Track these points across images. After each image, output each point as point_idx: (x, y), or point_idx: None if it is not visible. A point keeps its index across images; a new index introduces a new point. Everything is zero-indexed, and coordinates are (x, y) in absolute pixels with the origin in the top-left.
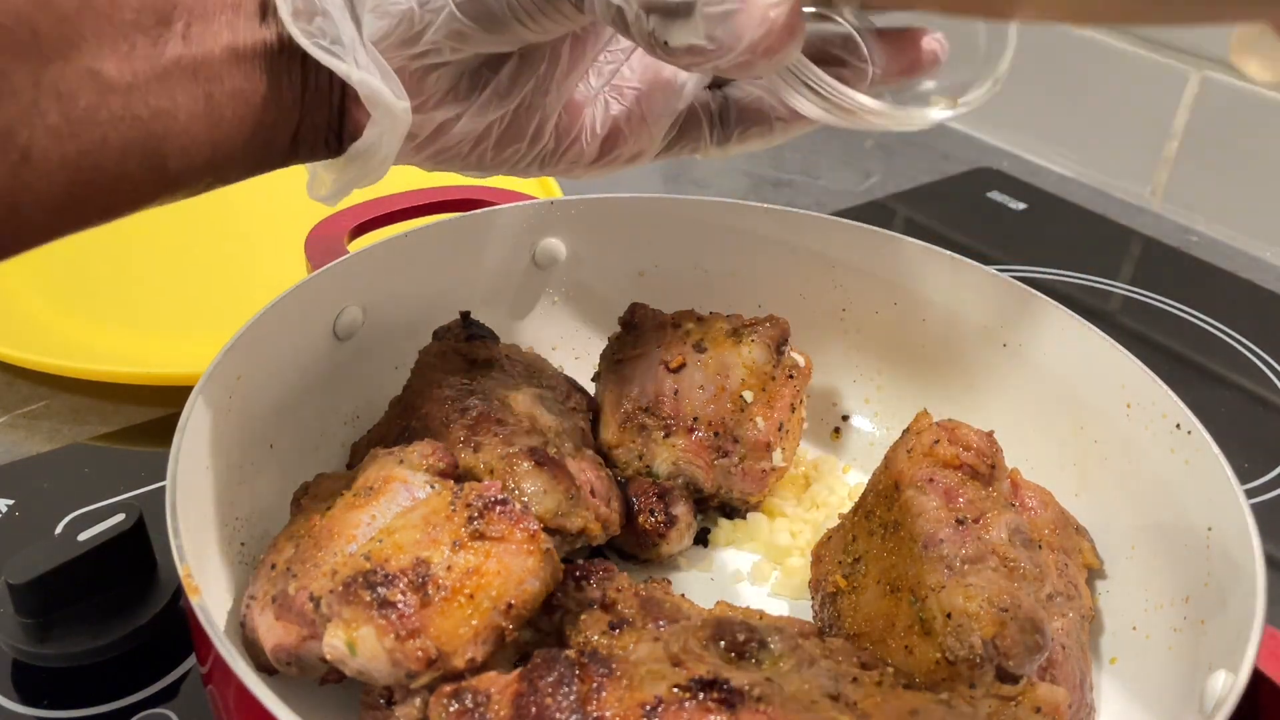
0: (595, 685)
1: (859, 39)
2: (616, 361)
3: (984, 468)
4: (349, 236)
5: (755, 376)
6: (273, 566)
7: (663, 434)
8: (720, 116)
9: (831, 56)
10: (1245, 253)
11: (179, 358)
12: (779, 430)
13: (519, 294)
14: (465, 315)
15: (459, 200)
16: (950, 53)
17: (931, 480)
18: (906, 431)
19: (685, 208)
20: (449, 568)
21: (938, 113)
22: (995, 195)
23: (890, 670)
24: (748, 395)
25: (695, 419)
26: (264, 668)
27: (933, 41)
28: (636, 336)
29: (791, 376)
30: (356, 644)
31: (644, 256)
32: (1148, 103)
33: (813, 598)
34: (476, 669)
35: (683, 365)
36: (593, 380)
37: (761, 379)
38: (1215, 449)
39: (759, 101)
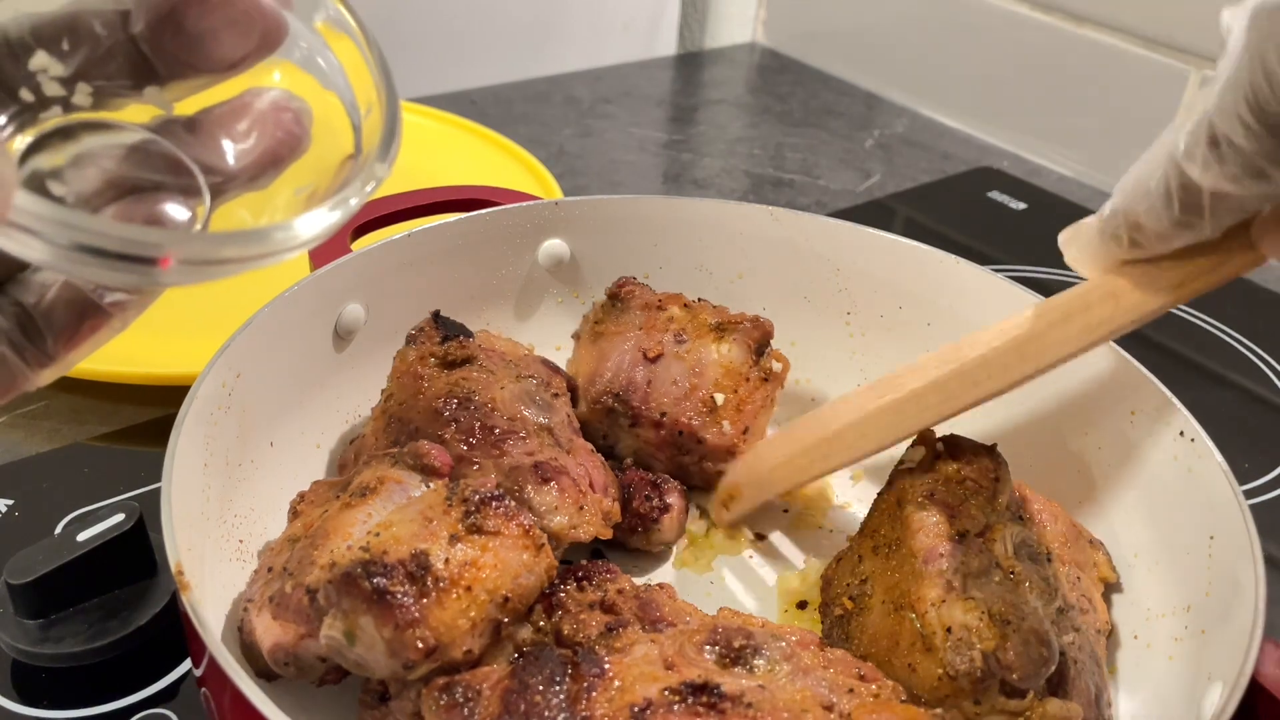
0: (586, 685)
1: (169, 148)
2: (597, 333)
3: (986, 482)
4: (352, 236)
5: (730, 377)
6: (269, 570)
7: (629, 423)
8: (24, 332)
9: (145, 183)
10: None
11: (179, 358)
12: (743, 434)
13: (523, 295)
14: (436, 314)
15: (463, 200)
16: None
17: (932, 495)
18: (910, 448)
19: (690, 209)
20: (446, 560)
21: (313, 220)
22: (995, 195)
23: (889, 684)
24: (719, 398)
25: (663, 415)
26: (262, 673)
27: (286, 107)
28: (621, 312)
29: (766, 379)
30: (355, 634)
31: (649, 258)
32: (1148, 103)
33: (823, 621)
34: (473, 662)
35: (660, 356)
36: (572, 338)
37: (735, 380)
38: (1219, 457)
39: (66, 291)
